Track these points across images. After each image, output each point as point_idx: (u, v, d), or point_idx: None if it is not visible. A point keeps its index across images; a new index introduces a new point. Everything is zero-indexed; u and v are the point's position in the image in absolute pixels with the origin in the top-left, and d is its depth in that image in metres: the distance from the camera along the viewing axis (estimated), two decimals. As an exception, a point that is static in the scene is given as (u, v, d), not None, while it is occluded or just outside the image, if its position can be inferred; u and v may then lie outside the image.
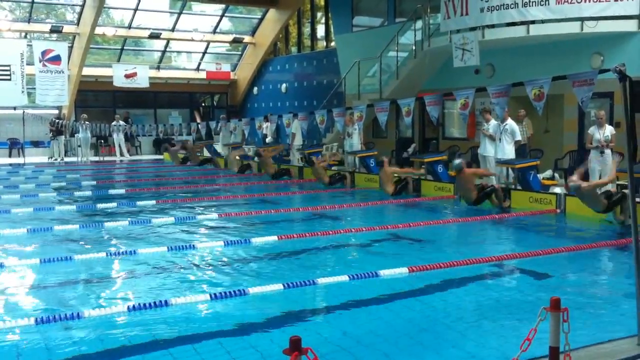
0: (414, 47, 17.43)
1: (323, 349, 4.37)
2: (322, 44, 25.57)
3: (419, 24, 17.36)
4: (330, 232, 9.07)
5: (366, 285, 6.33)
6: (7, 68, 23.19)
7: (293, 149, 18.91)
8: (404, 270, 6.69)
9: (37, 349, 4.71)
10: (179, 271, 7.02)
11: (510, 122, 12.60)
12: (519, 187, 11.91)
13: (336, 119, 12.37)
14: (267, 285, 6.09)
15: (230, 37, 27.89)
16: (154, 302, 5.52)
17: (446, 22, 15.39)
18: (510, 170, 12.52)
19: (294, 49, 27.19)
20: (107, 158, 24.67)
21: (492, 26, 14.36)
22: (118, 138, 24.73)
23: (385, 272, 6.57)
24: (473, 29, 14.77)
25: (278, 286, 6.05)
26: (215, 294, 5.81)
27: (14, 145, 25.09)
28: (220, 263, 7.47)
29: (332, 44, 23.53)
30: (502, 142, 12.61)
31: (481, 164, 13.36)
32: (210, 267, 7.28)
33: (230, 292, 5.86)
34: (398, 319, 5.42)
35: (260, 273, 6.96)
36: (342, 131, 15.09)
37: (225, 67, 28.58)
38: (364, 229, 9.55)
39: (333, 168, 16.41)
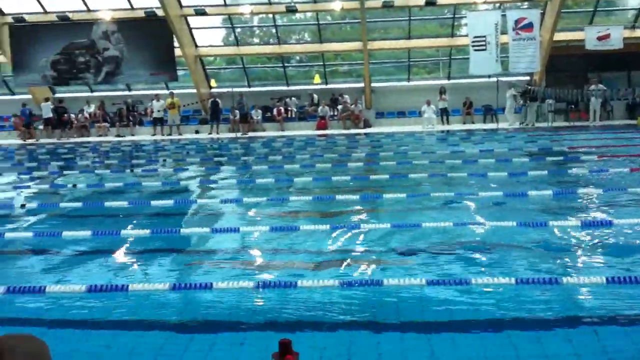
0: None
1: None
2: None
3: None
4: None
5: None
6: (483, 39, 24.76)
7: None
8: None
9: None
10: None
11: None
12: None
13: None
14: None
15: None
16: (542, 278, 5.36)
17: None
18: None
19: None
20: (576, 123, 24.33)
21: None
22: (595, 102, 24.02)
23: None
24: None
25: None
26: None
27: (488, 112, 26.84)
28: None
29: None
30: None
31: None
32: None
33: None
34: None
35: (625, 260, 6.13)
36: None
37: None
38: None
39: None
